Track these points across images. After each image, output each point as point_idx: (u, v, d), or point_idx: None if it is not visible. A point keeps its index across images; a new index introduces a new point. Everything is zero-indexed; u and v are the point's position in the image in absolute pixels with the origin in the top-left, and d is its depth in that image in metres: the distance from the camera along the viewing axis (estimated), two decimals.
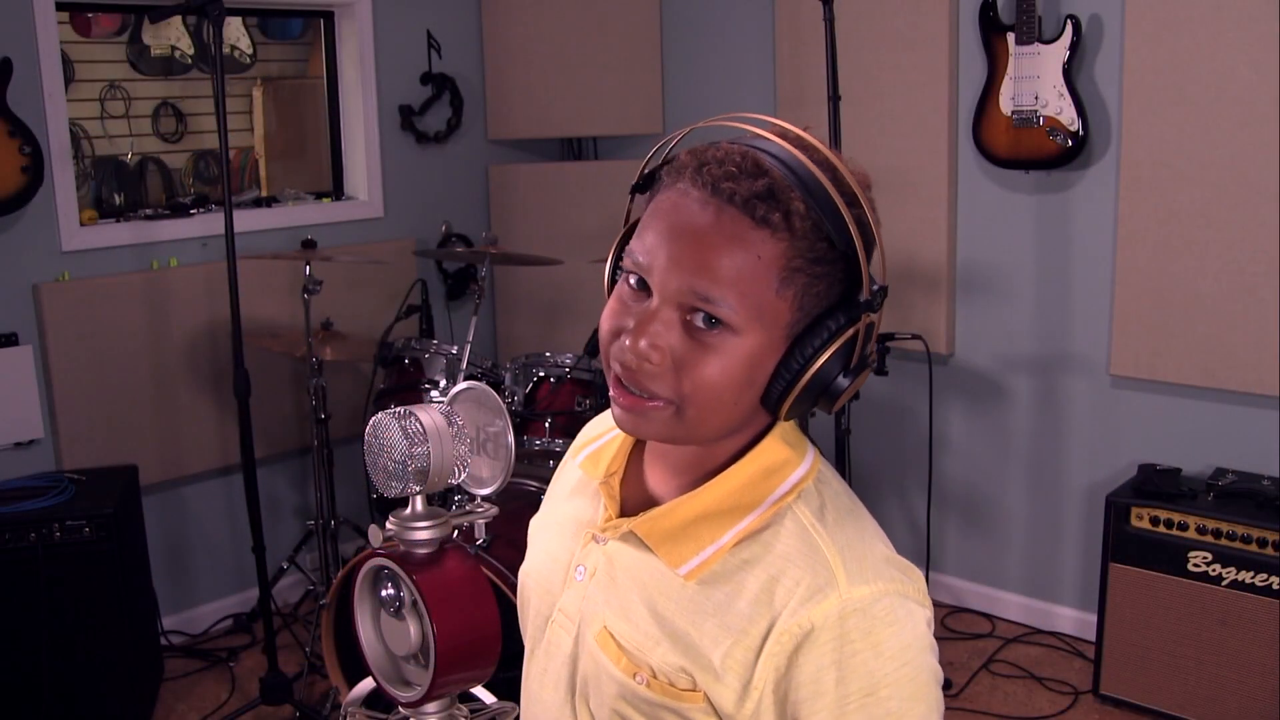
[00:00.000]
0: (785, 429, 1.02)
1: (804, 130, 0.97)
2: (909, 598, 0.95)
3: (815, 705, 0.91)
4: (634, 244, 0.97)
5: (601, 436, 1.15)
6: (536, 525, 1.20)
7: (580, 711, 1.04)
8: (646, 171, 1.02)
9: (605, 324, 0.99)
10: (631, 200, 1.03)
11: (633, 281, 0.97)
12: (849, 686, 0.91)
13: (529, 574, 1.16)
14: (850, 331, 0.95)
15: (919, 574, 0.99)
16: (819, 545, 0.95)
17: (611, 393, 0.98)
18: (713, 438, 0.99)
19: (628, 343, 0.94)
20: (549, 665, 1.08)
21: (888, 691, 0.91)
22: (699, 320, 0.93)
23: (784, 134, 0.97)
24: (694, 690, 0.95)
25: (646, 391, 0.95)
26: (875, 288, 0.95)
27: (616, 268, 1.01)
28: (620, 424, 0.99)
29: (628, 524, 1.02)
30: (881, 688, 0.91)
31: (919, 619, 0.95)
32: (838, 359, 0.95)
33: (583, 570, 1.07)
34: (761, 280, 0.92)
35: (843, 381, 0.96)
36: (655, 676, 0.97)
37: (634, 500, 1.07)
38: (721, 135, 0.99)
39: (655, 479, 1.06)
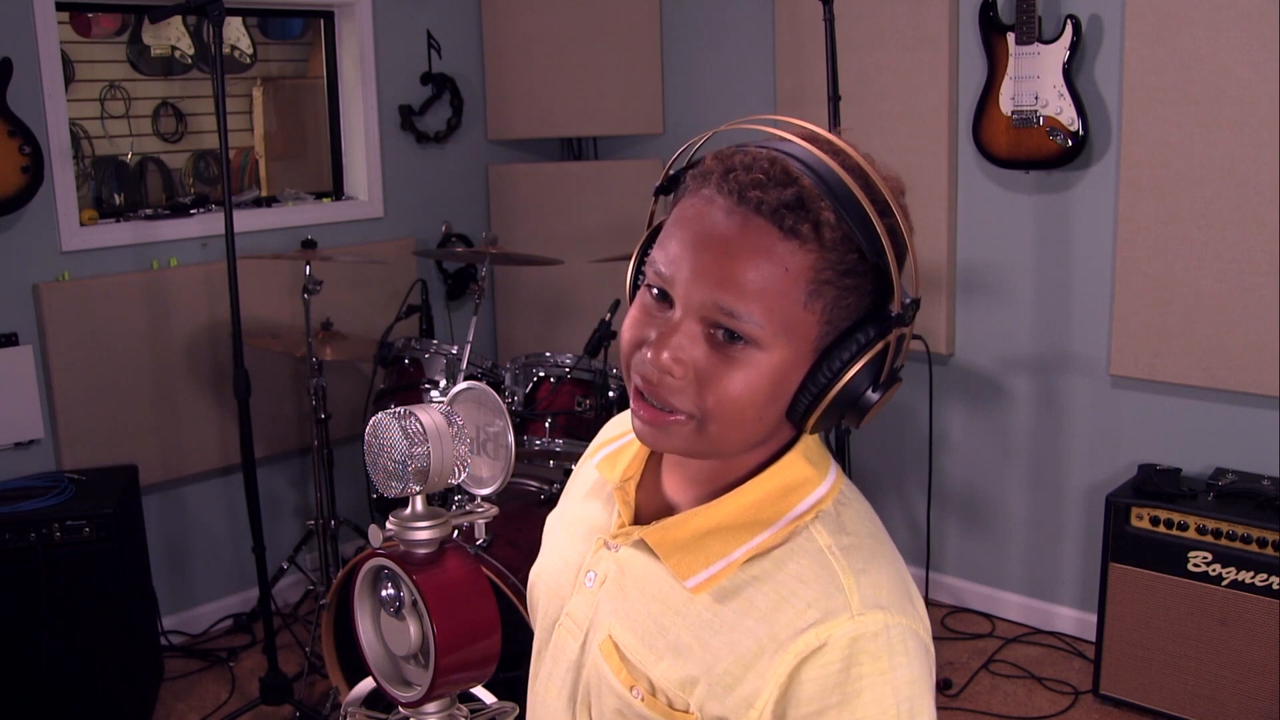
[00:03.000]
0: (809, 445, 0.99)
1: (835, 134, 0.92)
2: (920, 636, 0.92)
3: None
4: (656, 252, 0.93)
5: (621, 437, 1.11)
6: (551, 523, 1.17)
7: (581, 719, 1.02)
8: (671, 173, 0.98)
9: (626, 334, 0.95)
10: (655, 202, 0.99)
11: (654, 292, 0.93)
12: (853, 712, 0.87)
13: (539, 575, 1.13)
14: (880, 345, 0.91)
15: (925, 612, 0.96)
16: (833, 568, 0.92)
17: (632, 405, 0.95)
18: (735, 452, 0.96)
19: (649, 355, 0.91)
20: (554, 670, 1.06)
21: None
22: (723, 334, 0.89)
23: (814, 138, 0.92)
24: (688, 713, 0.93)
25: (668, 405, 0.92)
26: (907, 301, 0.90)
27: (639, 273, 0.97)
28: (641, 437, 0.95)
29: (639, 532, 1.00)
30: (885, 717, 0.87)
31: (927, 658, 0.92)
32: (866, 372, 0.91)
33: (593, 576, 1.04)
34: (789, 293, 0.88)
35: (872, 396, 0.92)
36: (653, 693, 0.95)
37: (649, 507, 1.04)
38: (748, 137, 0.95)
39: (672, 487, 1.03)
